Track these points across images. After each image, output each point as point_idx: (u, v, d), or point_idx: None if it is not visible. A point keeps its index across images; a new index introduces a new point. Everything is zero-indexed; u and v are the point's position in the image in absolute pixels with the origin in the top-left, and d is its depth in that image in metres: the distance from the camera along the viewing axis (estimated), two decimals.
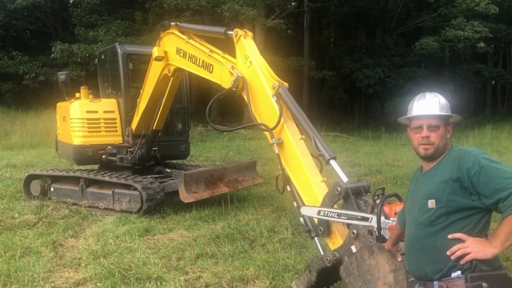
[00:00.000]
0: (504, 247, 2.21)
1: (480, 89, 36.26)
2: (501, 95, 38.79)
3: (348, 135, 21.43)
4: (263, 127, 4.62)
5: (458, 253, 2.26)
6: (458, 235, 2.30)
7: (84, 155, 8.19)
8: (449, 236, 2.31)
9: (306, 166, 4.17)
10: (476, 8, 23.22)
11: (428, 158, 2.52)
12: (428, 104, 2.53)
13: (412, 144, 2.59)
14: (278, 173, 4.49)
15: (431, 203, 2.37)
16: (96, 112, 8.32)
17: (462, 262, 2.26)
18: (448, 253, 2.29)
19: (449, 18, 24.70)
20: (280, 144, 4.43)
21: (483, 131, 20.51)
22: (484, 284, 2.21)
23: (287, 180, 4.38)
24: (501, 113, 35.50)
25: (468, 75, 30.79)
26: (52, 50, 21.55)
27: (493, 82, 34.34)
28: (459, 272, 2.28)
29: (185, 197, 7.11)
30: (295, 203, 4.29)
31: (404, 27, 29.32)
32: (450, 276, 2.30)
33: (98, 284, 4.67)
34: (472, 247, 2.24)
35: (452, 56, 35.18)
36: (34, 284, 4.70)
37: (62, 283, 4.75)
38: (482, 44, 23.38)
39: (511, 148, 16.06)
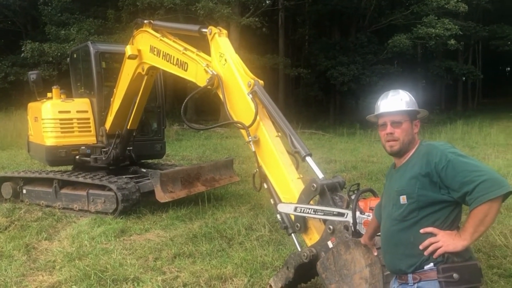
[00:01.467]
0: (473, 239, 2.28)
1: (451, 85, 37.04)
2: (471, 91, 39.76)
3: (324, 132, 21.60)
4: (239, 125, 4.62)
5: (430, 248, 2.32)
6: (429, 229, 2.35)
7: (57, 156, 8.03)
8: (421, 231, 2.36)
9: (282, 163, 4.19)
10: (446, 6, 23.72)
11: (395, 154, 2.57)
12: (391, 101, 2.58)
13: (381, 141, 2.64)
14: (255, 170, 4.50)
15: (403, 199, 2.42)
16: (69, 112, 8.17)
17: (434, 256, 2.31)
18: (420, 247, 2.34)
19: (421, 16, 25.17)
20: (257, 142, 4.44)
21: (454, 126, 20.96)
22: (455, 275, 2.27)
23: (264, 178, 4.40)
24: (472, 108, 36.42)
25: (439, 72, 31.44)
26: (22, 49, 21.06)
27: (464, 78, 35.16)
28: (431, 264, 2.33)
29: (162, 196, 7.05)
30: (272, 200, 4.32)
31: (377, 25, 29.73)
32: (423, 268, 2.36)
33: (74, 286, 4.60)
34: (443, 241, 2.30)
35: (424, 53, 35.88)
36: None
37: (36, 287, 4.65)
38: (452, 42, 23.91)
39: (481, 143, 16.46)
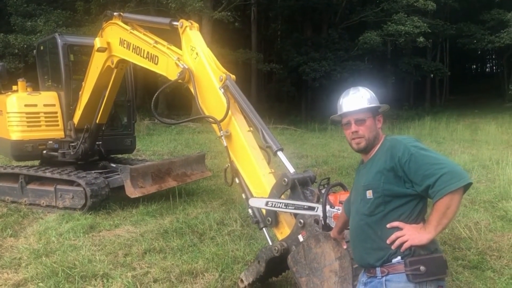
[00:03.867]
0: (438, 231, 2.32)
1: (420, 82, 37.83)
2: (439, 88, 40.68)
3: (296, 128, 21.75)
4: (210, 119, 4.59)
5: (397, 242, 2.36)
6: (395, 223, 2.39)
7: (24, 151, 7.83)
8: (388, 226, 2.40)
9: (254, 158, 4.19)
10: (415, 4, 24.21)
11: (361, 151, 2.61)
12: (352, 100, 2.61)
13: (347, 139, 2.67)
14: (227, 165, 4.49)
15: (369, 194, 2.45)
16: (36, 105, 7.96)
17: (401, 249, 2.36)
18: (387, 242, 2.38)
19: (391, 13, 25.61)
20: (228, 136, 4.43)
21: (422, 122, 21.44)
22: (422, 268, 2.32)
23: (236, 172, 4.39)
24: (439, 105, 37.28)
25: (408, 69, 32.03)
26: None
27: (432, 75, 35.91)
28: (399, 258, 2.37)
29: (132, 192, 6.96)
30: (243, 195, 4.31)
31: (348, 22, 30.07)
32: (391, 262, 2.40)
33: (40, 284, 4.49)
34: (409, 235, 2.34)
35: (393, 50, 36.47)
36: None
37: (1, 285, 4.53)
38: (421, 39, 24.42)
39: (448, 138, 16.91)
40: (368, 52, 29.84)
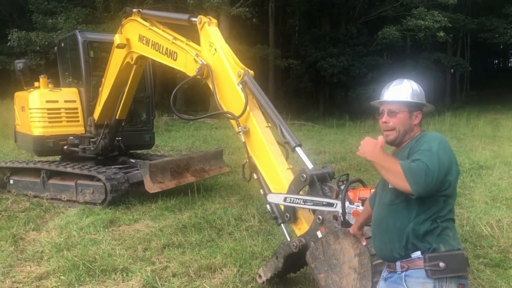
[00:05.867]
0: (375, 162, 2.35)
1: (440, 77, 37.26)
2: (459, 84, 40.02)
3: (313, 124, 21.63)
4: (229, 115, 4.60)
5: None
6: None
7: (45, 146, 7.95)
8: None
9: (272, 154, 4.19)
10: None
11: (391, 144, 2.56)
12: (392, 91, 2.57)
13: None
14: (245, 161, 4.50)
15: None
16: (57, 101, 8.08)
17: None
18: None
19: (410, 8, 25.21)
20: (246, 132, 4.43)
21: (442, 118, 21.09)
22: (441, 264, 2.29)
23: (254, 168, 4.39)
24: (460, 100, 36.66)
25: (428, 64, 31.56)
26: (9, 38, 20.70)
27: (452, 70, 35.34)
28: (418, 253, 2.35)
29: (151, 187, 7.02)
30: (261, 191, 4.32)
31: (367, 17, 29.72)
32: (411, 257, 2.37)
33: (62, 277, 4.57)
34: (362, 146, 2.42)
35: (413, 45, 35.95)
36: None
37: (24, 278, 4.62)
38: (441, 34, 24.00)
39: (469, 134, 16.61)
40: (387, 47, 29.53)
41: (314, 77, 30.75)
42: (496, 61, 64.61)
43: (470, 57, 39.13)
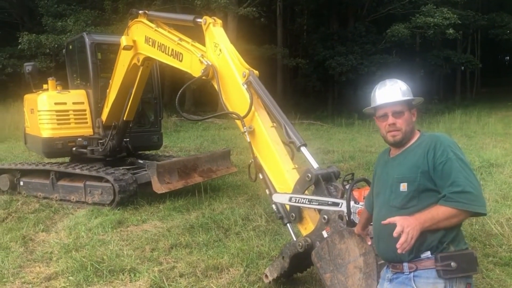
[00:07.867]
0: (422, 228, 2.22)
1: (450, 75, 36.94)
2: (470, 81, 39.65)
3: (322, 123, 21.57)
4: (234, 115, 4.61)
5: (406, 247, 2.20)
6: (392, 219, 2.27)
7: (54, 148, 8.03)
8: (383, 222, 2.32)
9: (277, 154, 4.19)
10: None
11: (397, 144, 2.54)
12: (390, 91, 2.55)
13: (381, 132, 2.60)
14: (251, 161, 4.50)
15: (403, 187, 2.39)
16: (65, 103, 8.15)
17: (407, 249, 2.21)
18: (398, 247, 2.19)
19: (419, 5, 25.02)
20: (252, 132, 4.44)
21: (453, 116, 20.93)
22: (453, 264, 2.27)
23: (259, 168, 4.39)
24: (470, 98, 36.32)
25: (438, 62, 31.29)
26: (19, 41, 20.92)
27: (462, 68, 35.01)
28: (428, 253, 2.32)
29: (158, 187, 7.04)
30: (267, 191, 4.32)
31: (375, 14, 29.54)
32: (420, 257, 2.35)
33: (70, 277, 4.61)
34: (409, 230, 2.19)
35: (422, 42, 35.65)
36: (4, 280, 4.61)
37: (33, 278, 4.67)
38: (451, 31, 23.77)
39: (479, 132, 16.44)
40: (396, 45, 29.27)
41: (322, 76, 30.60)
42: (508, 57, 63.81)
43: (480, 54, 38.73)
